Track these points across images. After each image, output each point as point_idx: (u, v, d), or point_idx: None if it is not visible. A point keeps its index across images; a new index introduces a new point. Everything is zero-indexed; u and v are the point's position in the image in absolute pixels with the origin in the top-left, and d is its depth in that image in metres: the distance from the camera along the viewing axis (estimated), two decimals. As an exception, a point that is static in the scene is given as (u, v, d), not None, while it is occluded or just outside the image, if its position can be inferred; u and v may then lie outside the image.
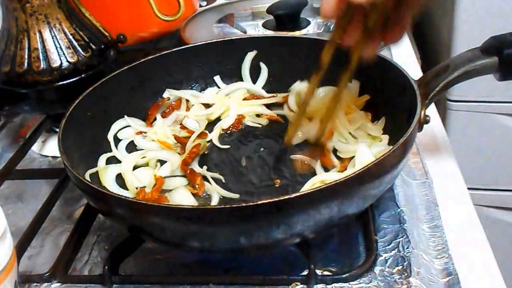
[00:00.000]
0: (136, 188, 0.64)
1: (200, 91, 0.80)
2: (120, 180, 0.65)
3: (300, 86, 0.76)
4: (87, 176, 0.63)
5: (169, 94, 0.78)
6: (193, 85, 0.80)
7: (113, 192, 0.58)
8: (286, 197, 0.47)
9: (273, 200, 0.47)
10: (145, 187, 0.64)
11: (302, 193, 0.48)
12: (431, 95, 0.61)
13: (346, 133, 0.67)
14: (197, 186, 0.63)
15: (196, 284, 0.55)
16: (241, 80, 0.80)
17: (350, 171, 0.61)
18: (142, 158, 0.69)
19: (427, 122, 0.60)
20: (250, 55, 0.79)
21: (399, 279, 0.53)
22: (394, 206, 0.62)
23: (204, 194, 0.63)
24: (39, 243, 0.64)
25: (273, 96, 0.78)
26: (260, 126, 0.75)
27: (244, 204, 0.48)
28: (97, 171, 0.65)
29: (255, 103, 0.77)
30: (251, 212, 0.48)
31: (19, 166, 0.75)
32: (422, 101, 0.59)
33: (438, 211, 0.61)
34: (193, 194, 0.62)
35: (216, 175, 0.65)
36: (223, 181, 0.65)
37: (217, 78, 0.81)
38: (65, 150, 0.59)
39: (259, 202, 0.47)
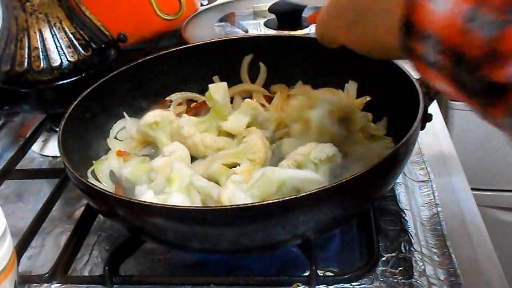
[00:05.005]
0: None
1: (200, 92, 0.80)
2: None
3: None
4: (88, 174, 0.63)
5: (173, 96, 0.77)
6: (193, 85, 0.80)
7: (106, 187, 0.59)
8: (291, 197, 0.47)
9: (277, 200, 0.47)
10: None
11: (305, 193, 0.47)
12: (433, 93, 0.61)
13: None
14: None
15: (197, 284, 0.54)
16: (241, 81, 0.80)
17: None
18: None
19: (429, 120, 0.60)
20: (246, 60, 0.78)
21: (401, 279, 0.53)
22: (396, 206, 0.62)
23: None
24: (39, 243, 0.63)
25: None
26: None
27: (247, 204, 0.47)
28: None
29: None
30: (254, 213, 0.48)
31: (19, 166, 0.75)
32: (424, 99, 0.58)
33: (440, 212, 0.61)
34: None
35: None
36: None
37: (216, 79, 0.80)
38: (65, 150, 0.58)
39: (263, 202, 0.47)
